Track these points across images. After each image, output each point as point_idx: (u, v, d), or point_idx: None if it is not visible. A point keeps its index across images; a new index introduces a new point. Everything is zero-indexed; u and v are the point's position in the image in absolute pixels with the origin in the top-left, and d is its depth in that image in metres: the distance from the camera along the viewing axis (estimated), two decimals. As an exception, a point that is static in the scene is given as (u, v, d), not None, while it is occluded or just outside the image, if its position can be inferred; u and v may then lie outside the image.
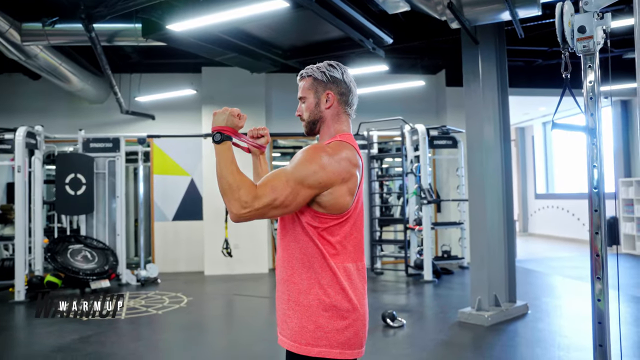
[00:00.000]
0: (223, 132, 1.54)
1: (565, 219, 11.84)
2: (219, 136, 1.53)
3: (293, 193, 1.47)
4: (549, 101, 10.05)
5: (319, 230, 1.55)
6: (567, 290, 6.69)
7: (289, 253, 1.61)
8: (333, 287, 1.55)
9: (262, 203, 1.44)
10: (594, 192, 2.19)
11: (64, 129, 7.84)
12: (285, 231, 1.62)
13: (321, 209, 1.54)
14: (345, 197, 1.55)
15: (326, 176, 1.51)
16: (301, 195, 1.49)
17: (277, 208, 1.47)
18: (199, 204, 8.38)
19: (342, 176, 1.53)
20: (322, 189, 1.51)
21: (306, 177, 1.48)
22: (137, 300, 6.17)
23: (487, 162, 5.01)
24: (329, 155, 1.53)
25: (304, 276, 1.57)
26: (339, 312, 1.55)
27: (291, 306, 1.58)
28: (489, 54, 5.01)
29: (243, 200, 1.43)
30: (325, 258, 1.55)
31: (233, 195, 1.44)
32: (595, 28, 2.13)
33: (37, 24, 5.79)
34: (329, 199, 1.53)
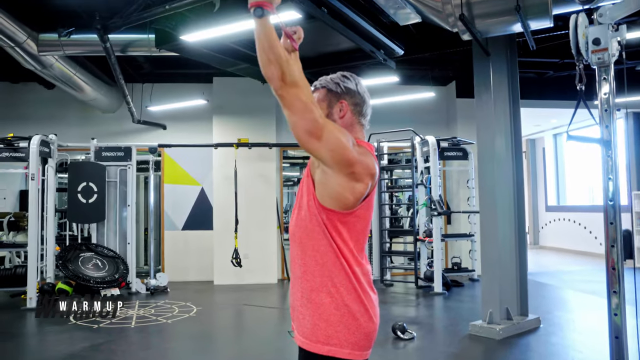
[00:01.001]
0: (263, 6, 1.46)
1: (577, 231, 11.71)
2: (260, 11, 1.46)
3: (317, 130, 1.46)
4: (561, 113, 10.00)
5: (329, 229, 1.56)
6: (580, 304, 6.60)
7: (302, 250, 1.61)
8: (345, 287, 1.56)
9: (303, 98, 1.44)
10: (610, 204, 2.17)
11: (76, 138, 7.92)
12: (299, 228, 1.63)
13: (327, 200, 1.54)
14: (348, 194, 1.54)
15: (340, 154, 1.50)
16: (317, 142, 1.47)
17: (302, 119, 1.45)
18: (209, 214, 8.40)
19: (352, 170, 1.52)
20: (330, 161, 1.50)
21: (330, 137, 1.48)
22: (147, 309, 6.18)
23: (498, 173, 4.98)
24: (355, 147, 1.54)
25: (317, 274, 1.57)
26: (351, 311, 1.55)
27: (304, 303, 1.59)
28: (500, 66, 5.01)
29: (292, 75, 1.43)
30: (338, 257, 1.56)
31: (283, 65, 1.42)
32: (610, 40, 2.13)
33: (53, 34, 5.88)
34: (331, 183, 1.53)
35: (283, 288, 7.84)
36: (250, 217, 7.99)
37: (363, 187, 1.57)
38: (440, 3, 4.11)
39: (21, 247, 6.98)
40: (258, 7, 1.46)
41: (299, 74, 1.47)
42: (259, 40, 1.46)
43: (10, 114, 8.39)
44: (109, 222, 7.32)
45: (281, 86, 1.44)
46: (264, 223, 8.33)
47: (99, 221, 7.23)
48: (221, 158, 8.19)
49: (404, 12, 4.76)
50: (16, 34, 5.62)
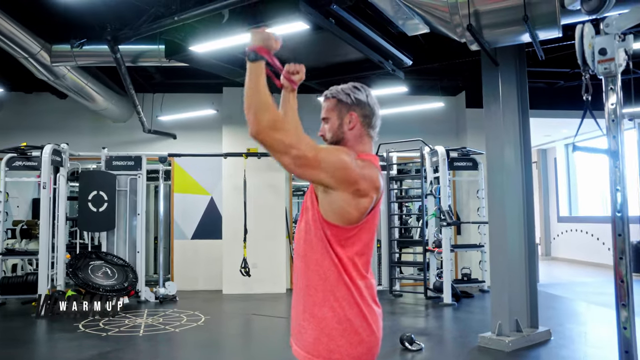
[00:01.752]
0: (258, 52, 1.53)
1: (589, 243, 11.57)
2: (253, 55, 1.51)
3: (309, 161, 1.47)
4: (571, 123, 9.91)
5: (333, 244, 1.56)
6: (592, 316, 6.50)
7: (305, 263, 1.62)
8: (347, 301, 1.56)
9: (283, 138, 1.45)
10: (618, 216, 2.15)
11: (88, 147, 8.01)
12: (302, 241, 1.63)
13: (331, 217, 1.55)
14: (353, 210, 1.55)
15: (342, 175, 1.51)
16: (312, 170, 1.49)
17: (289, 156, 1.46)
18: (218, 223, 8.42)
19: (357, 187, 1.53)
20: (333, 183, 1.51)
21: (327, 162, 1.49)
22: (155, 317, 6.19)
23: (507, 184, 4.95)
24: (356, 164, 1.55)
25: (319, 288, 1.57)
26: (353, 326, 1.55)
27: (306, 317, 1.59)
28: (509, 76, 4.99)
29: (268, 121, 1.44)
30: (340, 272, 1.56)
31: (260, 112, 1.45)
32: (617, 50, 2.11)
33: (65, 45, 5.98)
34: (336, 201, 1.53)
35: (291, 298, 7.80)
36: (259, 226, 8.00)
37: (368, 201, 1.57)
38: (448, 13, 4.11)
39: (32, 254, 7.05)
40: (252, 51, 1.52)
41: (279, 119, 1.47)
42: (246, 83, 1.50)
43: (24, 124, 8.52)
44: (119, 231, 7.36)
45: (257, 131, 1.46)
46: (273, 233, 8.33)
47: (109, 230, 7.28)
48: (230, 168, 8.23)
49: (413, 23, 4.78)
50: (30, 45, 5.72)
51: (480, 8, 3.99)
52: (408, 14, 4.52)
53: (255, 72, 1.49)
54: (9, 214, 7.89)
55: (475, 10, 3.98)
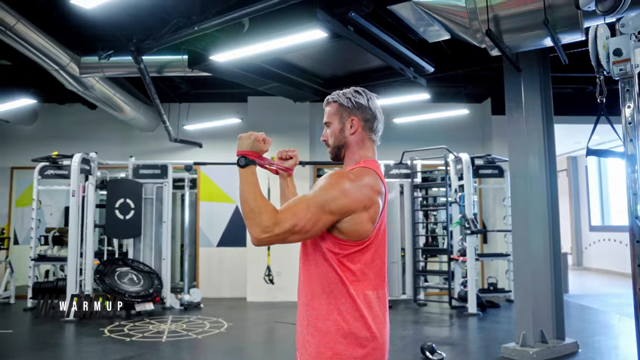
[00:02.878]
0: (247, 156, 1.56)
1: (622, 252, 11.19)
2: (243, 160, 1.55)
3: (313, 219, 1.47)
4: (603, 129, 9.62)
5: (340, 257, 1.54)
6: (623, 329, 6.28)
7: (309, 277, 1.60)
8: (352, 314, 1.53)
9: (283, 229, 1.45)
10: (636, 221, 2.08)
11: (116, 156, 8.21)
12: (307, 256, 1.62)
13: (342, 235, 1.54)
14: (366, 225, 1.54)
15: (347, 202, 1.50)
16: (322, 221, 1.49)
17: (297, 233, 1.47)
18: (242, 231, 8.49)
19: (364, 203, 1.53)
20: (343, 215, 1.51)
21: (327, 203, 1.48)
22: (179, 324, 6.26)
23: (531, 192, 4.85)
24: (351, 182, 1.53)
25: (324, 302, 1.55)
26: (358, 339, 1.52)
27: (310, 331, 1.56)
28: (532, 82, 4.91)
29: (264, 225, 1.44)
30: (345, 285, 1.54)
31: (255, 219, 1.46)
32: (633, 50, 2.06)
33: (93, 57, 6.16)
34: (349, 224, 1.52)
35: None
36: (282, 234, 8.01)
37: (376, 207, 1.56)
38: (468, 19, 4.08)
39: (62, 260, 7.23)
40: (242, 157, 1.55)
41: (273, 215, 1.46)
42: (240, 190, 1.52)
43: (57, 134, 8.80)
44: (145, 238, 7.50)
45: (258, 240, 1.46)
46: (296, 241, 8.34)
47: (136, 237, 7.42)
48: (255, 176, 8.29)
49: (433, 30, 4.76)
50: (60, 57, 5.91)
51: (499, 13, 3.94)
52: (428, 21, 4.51)
53: (246, 178, 1.53)
54: (41, 221, 8.14)
55: (495, 15, 3.94)
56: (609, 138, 11.04)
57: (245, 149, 1.58)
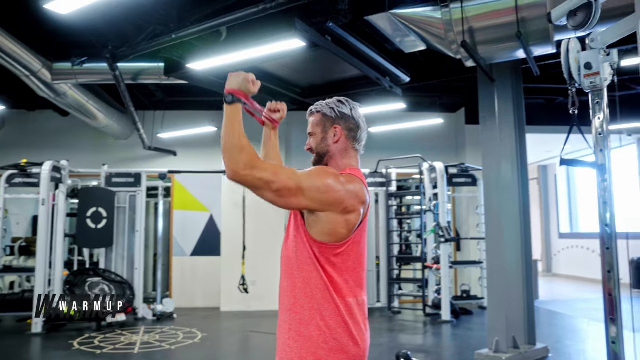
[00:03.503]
0: (235, 94, 1.55)
1: (590, 259, 11.49)
2: (230, 97, 1.54)
3: (291, 191, 1.49)
4: (572, 139, 9.90)
5: (321, 262, 1.56)
6: (592, 334, 6.43)
7: (292, 283, 1.60)
8: (335, 319, 1.54)
9: (261, 175, 1.47)
10: (606, 229, 2.15)
11: (88, 164, 8.04)
12: (289, 260, 1.62)
13: (319, 236, 1.55)
14: (342, 228, 1.55)
15: (327, 198, 1.52)
16: (296, 199, 1.50)
17: (269, 191, 1.48)
18: (217, 240, 8.42)
19: (344, 206, 1.54)
20: (319, 207, 1.52)
21: (309, 188, 1.50)
22: (152, 335, 6.15)
23: (504, 200, 4.95)
24: (338, 182, 1.56)
25: (306, 307, 1.56)
26: (340, 345, 1.53)
27: (292, 336, 1.57)
28: (505, 92, 5.03)
29: (244, 162, 1.46)
30: (328, 289, 1.55)
31: (235, 155, 1.46)
32: (602, 64, 2.14)
33: (66, 63, 6.05)
34: (324, 222, 1.54)
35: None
36: (258, 243, 7.99)
37: (356, 216, 1.57)
38: (443, 30, 4.17)
39: (30, 271, 7.03)
40: (229, 94, 1.55)
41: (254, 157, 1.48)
42: (223, 126, 1.52)
43: (26, 141, 8.59)
44: (118, 248, 7.36)
45: (234, 174, 1.47)
46: (271, 250, 8.28)
47: (108, 246, 7.28)
48: (230, 184, 8.24)
49: (409, 40, 4.84)
50: (31, 63, 5.78)
51: (474, 25, 4.04)
52: (404, 32, 4.58)
53: (231, 115, 1.52)
54: (7, 231, 7.90)
55: (470, 27, 4.04)
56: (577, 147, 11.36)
57: (234, 87, 1.57)
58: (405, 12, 4.29)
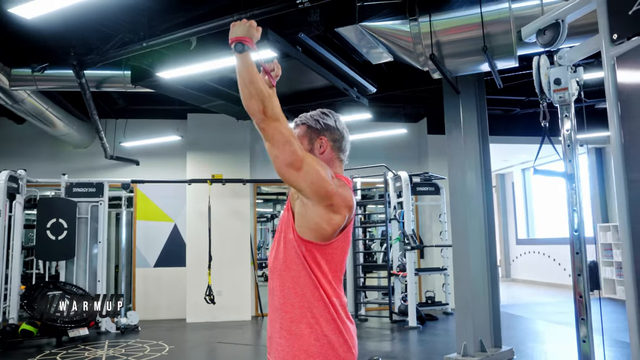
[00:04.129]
0: (244, 42, 1.54)
1: (546, 264, 11.95)
2: (241, 46, 1.53)
3: (298, 160, 1.51)
4: (528, 148, 10.33)
5: (309, 261, 1.59)
6: (551, 335, 6.69)
7: (282, 282, 1.63)
8: (325, 318, 1.58)
9: (283, 130, 1.50)
10: (575, 235, 2.27)
11: (46, 174, 7.78)
12: (278, 260, 1.65)
13: (306, 232, 1.58)
14: (326, 225, 1.58)
15: (320, 187, 1.55)
16: (297, 172, 1.52)
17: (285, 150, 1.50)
18: (182, 250, 8.29)
19: (331, 202, 1.57)
20: (309, 192, 1.54)
21: (310, 166, 1.53)
22: (117, 349, 5.99)
23: (469, 208, 5.10)
24: (333, 181, 1.59)
25: (297, 305, 1.59)
26: (330, 342, 1.57)
27: (283, 335, 1.59)
28: (469, 103, 5.20)
29: (272, 110, 1.49)
30: (317, 288, 1.59)
31: (266, 101, 1.48)
32: (570, 80, 2.27)
33: (26, 69, 5.86)
34: (310, 213, 1.57)
35: (257, 325, 7.72)
36: (223, 253, 7.92)
37: (340, 218, 1.61)
38: (412, 43, 4.28)
39: (-16, 286, 6.72)
40: (239, 43, 1.54)
41: (278, 108, 1.53)
42: (241, 75, 1.52)
43: (-22, 150, 8.24)
44: (79, 260, 7.14)
45: (263, 119, 1.50)
46: (237, 259, 8.26)
47: (69, 258, 7.05)
48: (195, 194, 8.16)
49: (377, 52, 4.94)
50: (-13, 68, 5.58)
51: (441, 39, 4.18)
52: (372, 43, 4.68)
53: (247, 63, 1.52)
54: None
55: (438, 40, 4.17)
56: (533, 157, 11.80)
57: (241, 34, 1.56)
58: (375, 24, 4.39)
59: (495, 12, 3.98)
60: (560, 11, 2.32)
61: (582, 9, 2.26)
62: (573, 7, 2.28)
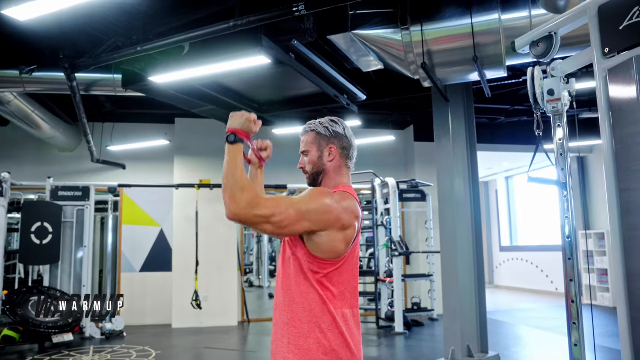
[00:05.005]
0: (237, 134, 1.60)
1: (529, 271, 12.12)
2: (233, 137, 1.59)
3: (291, 218, 1.53)
4: (512, 157, 10.50)
5: (319, 277, 1.61)
6: (535, 340, 6.79)
7: (290, 298, 1.64)
8: (332, 332, 1.60)
9: (262, 212, 1.51)
10: (567, 241, 2.33)
11: (31, 177, 7.68)
12: (288, 277, 1.66)
13: (319, 253, 1.60)
14: (340, 244, 1.62)
15: (327, 218, 1.58)
16: (298, 225, 1.55)
17: (271, 224, 1.53)
18: (168, 255, 8.24)
19: (342, 223, 1.61)
20: (320, 228, 1.58)
21: (309, 212, 1.56)
22: (102, 354, 5.93)
23: (457, 215, 5.18)
24: (334, 201, 1.62)
25: (305, 320, 1.61)
26: (338, 356, 1.59)
27: (291, 349, 1.61)
28: (458, 111, 5.29)
29: (245, 201, 1.50)
30: (326, 303, 1.61)
31: (236, 194, 1.51)
32: (562, 91, 2.34)
33: (14, 71, 5.78)
34: (325, 241, 1.59)
35: (243, 330, 7.70)
36: (210, 259, 7.89)
37: (352, 231, 1.65)
38: (403, 52, 4.35)
39: (-34, 291, 6.60)
40: (232, 133, 1.60)
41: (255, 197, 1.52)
42: (224, 165, 1.58)
43: (-40, 152, 8.10)
44: (64, 264, 7.05)
45: (236, 213, 1.51)
46: (224, 265, 8.23)
47: (53, 263, 6.96)
48: (182, 199, 8.12)
49: (367, 60, 5.00)
50: (-27, 70, 5.51)
51: (433, 48, 4.25)
52: (363, 51, 4.74)
53: (233, 154, 1.58)
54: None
55: (429, 49, 4.25)
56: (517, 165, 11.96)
57: (236, 126, 1.62)
58: (368, 33, 4.45)
59: (485, 22, 4.06)
60: (553, 24, 2.39)
61: (575, 22, 2.34)
62: (566, 21, 2.35)
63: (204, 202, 7.89)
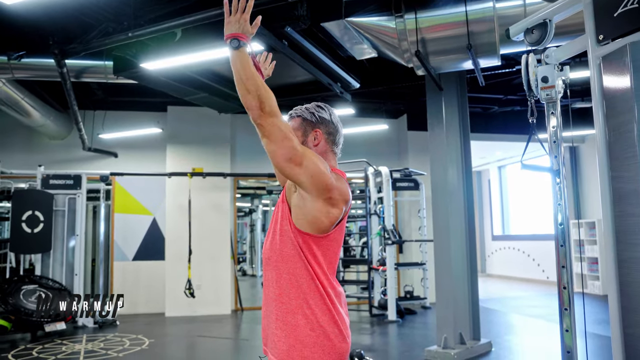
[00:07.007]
0: (239, 38, 1.55)
1: (521, 259, 12.21)
2: (236, 42, 1.54)
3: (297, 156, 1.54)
4: (505, 146, 10.53)
5: (305, 253, 1.61)
6: (526, 328, 6.86)
7: (277, 273, 1.65)
8: (320, 308, 1.61)
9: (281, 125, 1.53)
10: (560, 228, 2.34)
11: (21, 165, 7.62)
12: (274, 251, 1.67)
13: (304, 225, 1.60)
14: (324, 218, 1.61)
15: (320, 180, 1.57)
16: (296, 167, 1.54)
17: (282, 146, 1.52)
18: (160, 244, 8.22)
19: (330, 195, 1.60)
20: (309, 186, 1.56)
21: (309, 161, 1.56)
22: (95, 342, 5.92)
23: (450, 204, 5.19)
24: (331, 175, 1.62)
25: (293, 296, 1.61)
26: (326, 332, 1.60)
27: (279, 325, 1.61)
28: (451, 100, 5.29)
29: (270, 106, 1.51)
30: (313, 279, 1.61)
31: (264, 97, 1.50)
32: (556, 79, 2.33)
33: (2, 57, 5.69)
34: (309, 207, 1.59)
35: (237, 319, 7.71)
36: (203, 247, 7.88)
37: (338, 211, 1.64)
38: (397, 39, 4.33)
39: (-43, 279, 6.57)
40: (234, 39, 1.54)
41: (275, 104, 1.54)
42: (237, 71, 1.53)
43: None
44: (55, 253, 7.02)
45: (260, 115, 1.51)
46: (217, 253, 8.22)
47: (45, 251, 6.92)
48: (174, 187, 8.09)
49: (361, 47, 4.98)
50: (-40, 55, 5.42)
51: (426, 36, 4.23)
52: (357, 39, 4.71)
53: (243, 59, 1.53)
54: None
55: (423, 37, 4.23)
56: (510, 154, 11.99)
57: (236, 31, 1.56)
58: (361, 20, 4.42)
59: (479, 10, 4.05)
60: (548, 11, 2.38)
61: (569, 9, 2.33)
62: (560, 8, 2.34)
63: (197, 190, 7.87)
